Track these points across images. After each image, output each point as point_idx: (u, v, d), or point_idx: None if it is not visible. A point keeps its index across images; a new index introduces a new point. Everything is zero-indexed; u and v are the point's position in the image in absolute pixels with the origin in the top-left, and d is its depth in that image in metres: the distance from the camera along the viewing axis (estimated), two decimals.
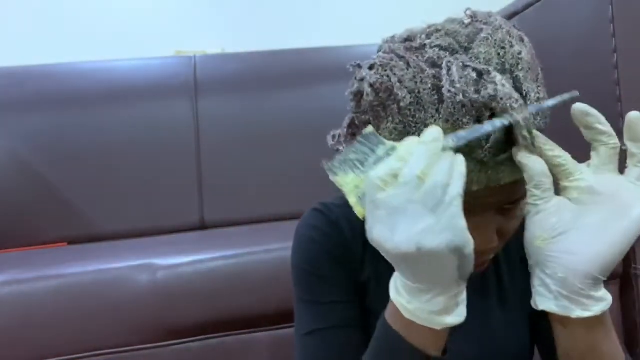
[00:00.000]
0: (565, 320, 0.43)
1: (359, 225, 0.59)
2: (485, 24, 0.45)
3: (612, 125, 0.42)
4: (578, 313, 0.42)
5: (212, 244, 1.14)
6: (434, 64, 0.43)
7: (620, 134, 0.42)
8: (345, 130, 0.50)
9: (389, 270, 0.59)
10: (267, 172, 1.52)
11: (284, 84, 1.62)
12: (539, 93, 0.44)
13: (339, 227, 0.59)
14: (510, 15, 1.30)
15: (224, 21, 2.37)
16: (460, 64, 0.41)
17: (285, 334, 0.95)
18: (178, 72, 1.60)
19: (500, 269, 0.61)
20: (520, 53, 0.43)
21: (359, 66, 0.48)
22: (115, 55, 1.87)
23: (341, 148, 0.50)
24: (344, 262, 0.58)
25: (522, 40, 0.45)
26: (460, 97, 0.40)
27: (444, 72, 0.41)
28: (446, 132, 0.41)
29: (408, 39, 0.46)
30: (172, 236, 1.37)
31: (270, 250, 0.96)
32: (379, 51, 0.48)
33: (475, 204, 0.44)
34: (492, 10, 0.50)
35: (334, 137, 0.51)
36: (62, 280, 0.91)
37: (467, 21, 0.46)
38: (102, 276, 0.92)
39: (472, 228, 0.45)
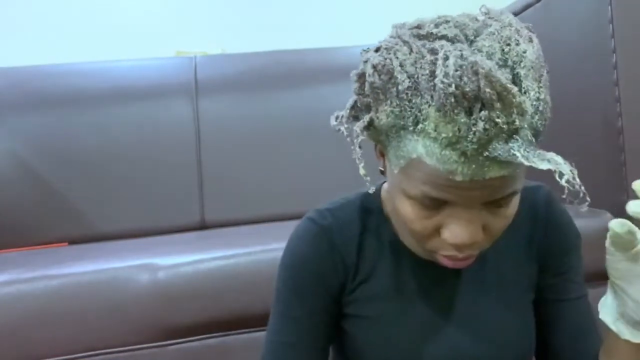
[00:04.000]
0: (617, 337, 0.52)
1: (353, 228, 0.60)
2: (495, 20, 0.46)
3: (612, 125, 0.42)
4: (627, 337, 0.50)
5: (212, 244, 1.13)
6: (434, 52, 0.43)
7: (620, 133, 0.42)
8: (348, 111, 0.51)
9: (389, 266, 0.59)
10: (267, 172, 1.52)
11: (284, 84, 1.62)
12: (539, 93, 0.43)
13: (329, 234, 0.59)
14: None
15: (224, 21, 2.37)
16: (459, 53, 0.41)
17: None
18: (178, 73, 1.60)
19: (501, 265, 0.61)
20: (525, 52, 0.43)
21: (367, 50, 0.49)
22: (116, 55, 1.87)
23: (342, 129, 0.51)
24: (330, 275, 0.59)
25: (530, 40, 0.45)
26: (452, 88, 0.40)
27: (440, 61, 0.41)
28: (437, 122, 0.42)
29: (417, 26, 0.47)
30: (172, 236, 1.37)
31: (270, 250, 0.96)
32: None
33: (459, 196, 0.45)
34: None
35: (336, 117, 0.52)
36: (62, 280, 0.91)
37: (480, 17, 0.47)
38: (102, 276, 0.92)
39: (457, 221, 0.46)
